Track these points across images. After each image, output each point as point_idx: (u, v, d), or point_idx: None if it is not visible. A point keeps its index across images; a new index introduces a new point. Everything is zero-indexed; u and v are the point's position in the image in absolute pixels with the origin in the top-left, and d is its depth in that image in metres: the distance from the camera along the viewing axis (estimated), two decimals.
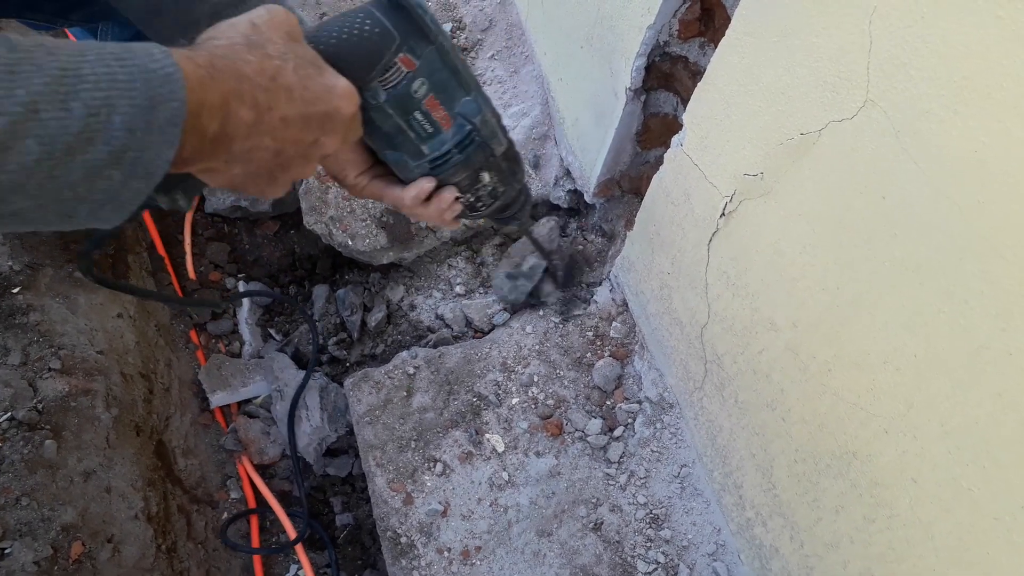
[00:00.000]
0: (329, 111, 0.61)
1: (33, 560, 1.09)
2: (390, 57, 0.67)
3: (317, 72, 0.60)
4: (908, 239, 0.73)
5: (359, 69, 0.67)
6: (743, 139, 0.94)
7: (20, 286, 1.31)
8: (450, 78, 0.72)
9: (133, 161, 0.47)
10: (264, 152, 0.57)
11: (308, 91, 0.59)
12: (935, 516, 0.79)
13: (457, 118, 0.74)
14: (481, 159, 0.77)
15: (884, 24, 0.68)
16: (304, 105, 0.58)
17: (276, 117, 0.56)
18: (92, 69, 0.44)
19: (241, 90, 0.53)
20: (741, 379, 1.09)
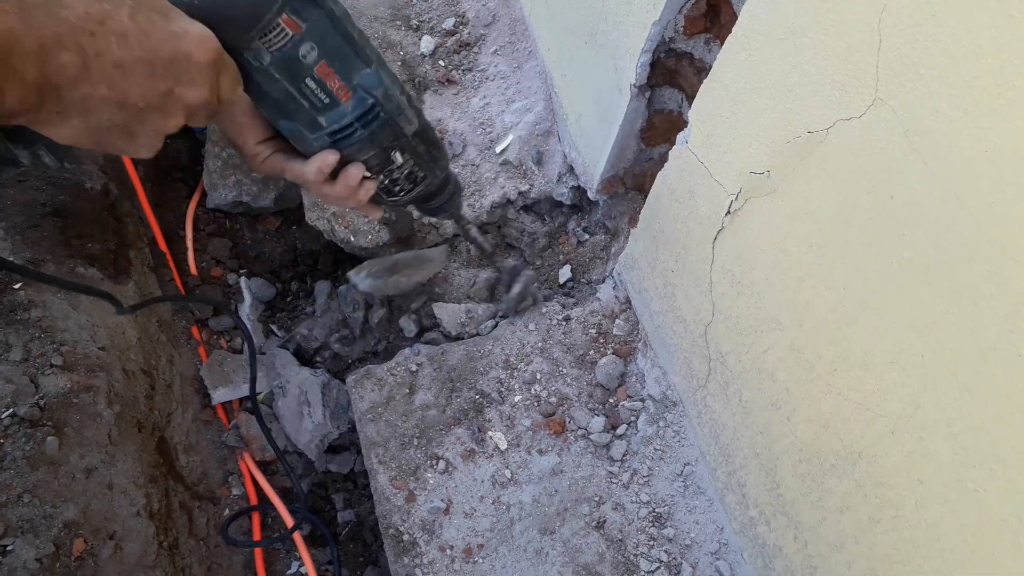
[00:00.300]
0: (178, 58, 0.57)
1: (35, 557, 1.09)
2: (272, 17, 0.63)
3: (161, 18, 0.56)
4: (916, 239, 0.72)
5: (236, 26, 0.63)
6: (749, 137, 0.93)
7: (22, 282, 1.31)
8: (344, 46, 0.68)
9: None
10: (103, 103, 0.55)
11: (148, 37, 0.55)
12: (941, 517, 0.78)
13: (357, 90, 0.70)
14: (389, 137, 0.74)
15: (894, 22, 0.68)
16: (143, 51, 0.55)
17: (108, 63, 0.53)
18: None
19: (60, 33, 0.50)
20: (745, 378, 1.09)
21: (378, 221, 1.54)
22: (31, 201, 1.41)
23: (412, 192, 0.83)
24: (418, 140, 0.77)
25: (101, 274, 1.43)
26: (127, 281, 1.50)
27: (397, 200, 0.83)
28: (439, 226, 1.57)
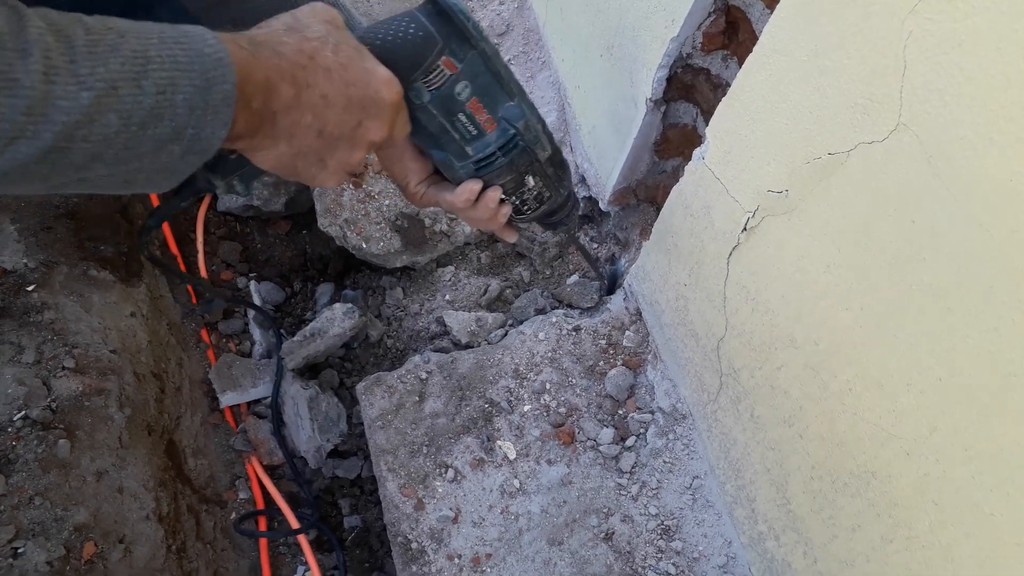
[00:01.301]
0: (370, 94, 0.64)
1: (46, 560, 1.09)
2: (433, 59, 0.70)
3: (358, 56, 0.64)
4: (937, 264, 0.73)
5: (403, 69, 0.69)
6: (768, 156, 0.94)
7: (35, 284, 1.31)
8: (493, 83, 0.74)
9: (191, 137, 0.52)
10: (307, 130, 0.61)
11: (347, 72, 0.62)
12: (955, 540, 0.79)
13: (501, 122, 0.77)
14: (525, 163, 0.80)
15: (919, 49, 0.68)
16: (343, 85, 0.61)
17: (316, 94, 0.60)
18: (158, 51, 0.49)
19: (281, 66, 0.57)
20: (758, 394, 1.09)
21: (389, 228, 1.55)
22: (45, 203, 1.41)
23: (537, 211, 0.89)
24: (548, 164, 0.83)
25: (113, 276, 1.43)
26: (138, 283, 1.51)
27: (524, 218, 0.90)
28: (450, 234, 1.58)
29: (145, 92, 0.48)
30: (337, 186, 0.76)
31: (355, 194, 1.58)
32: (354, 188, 1.59)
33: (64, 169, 0.47)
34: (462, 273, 1.61)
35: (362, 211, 1.56)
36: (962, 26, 0.63)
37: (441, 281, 1.61)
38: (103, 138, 0.47)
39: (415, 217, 1.57)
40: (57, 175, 0.48)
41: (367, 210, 1.56)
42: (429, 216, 1.58)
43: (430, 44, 0.70)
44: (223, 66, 0.52)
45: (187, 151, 0.52)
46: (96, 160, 0.48)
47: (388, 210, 1.57)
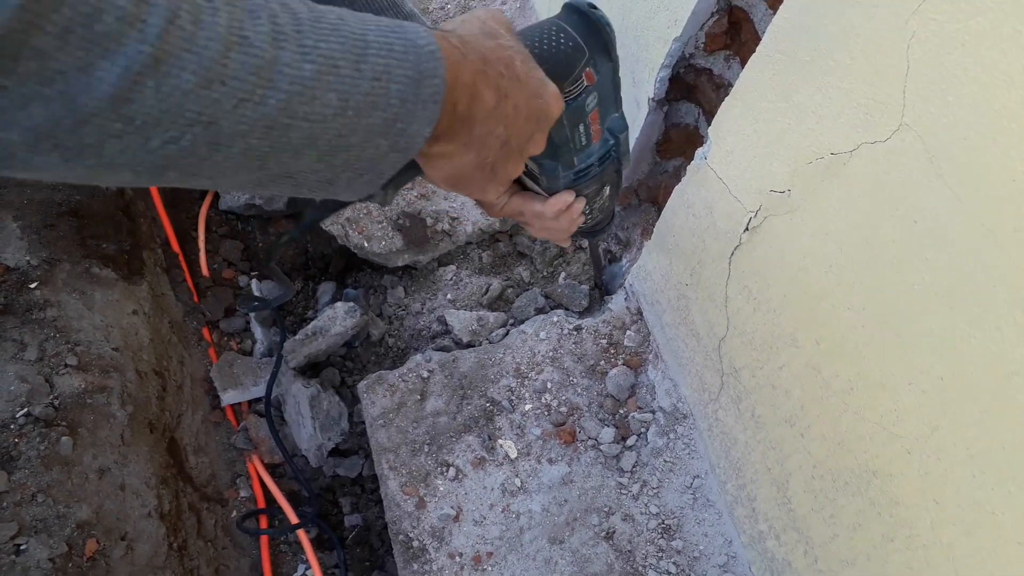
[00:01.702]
0: (544, 107, 0.62)
1: (48, 557, 1.09)
2: (579, 71, 0.69)
3: (536, 69, 0.62)
4: (939, 264, 0.73)
5: (554, 79, 0.68)
6: (770, 155, 0.94)
7: (37, 281, 1.31)
8: (612, 93, 0.75)
9: (399, 132, 0.49)
10: (495, 140, 0.59)
11: (532, 85, 0.60)
12: (956, 538, 0.79)
13: (605, 132, 0.77)
14: (610, 173, 0.81)
15: (923, 50, 0.69)
16: (530, 97, 0.60)
17: (511, 104, 0.58)
18: (375, 37, 0.47)
19: (487, 72, 0.55)
20: (759, 393, 1.10)
21: (391, 227, 1.55)
22: (48, 200, 1.42)
23: (598, 220, 0.91)
24: (619, 174, 0.84)
25: (115, 274, 1.43)
26: (140, 281, 1.51)
27: (584, 227, 0.91)
28: (452, 234, 1.58)
29: (363, 75, 0.46)
30: (496, 199, 0.73)
31: None
32: None
33: (281, 150, 0.45)
34: (463, 272, 1.61)
35: (364, 210, 1.56)
36: (965, 27, 0.63)
37: (443, 280, 1.61)
38: (321, 119, 0.45)
39: (417, 216, 1.57)
40: (274, 157, 0.45)
41: (369, 209, 1.56)
42: (431, 215, 1.58)
43: (579, 55, 0.69)
44: (435, 60, 0.50)
45: (392, 147, 0.50)
46: (311, 145, 0.46)
47: (390, 209, 1.57)
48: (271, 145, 0.44)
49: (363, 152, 0.49)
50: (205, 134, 0.41)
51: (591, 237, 1.01)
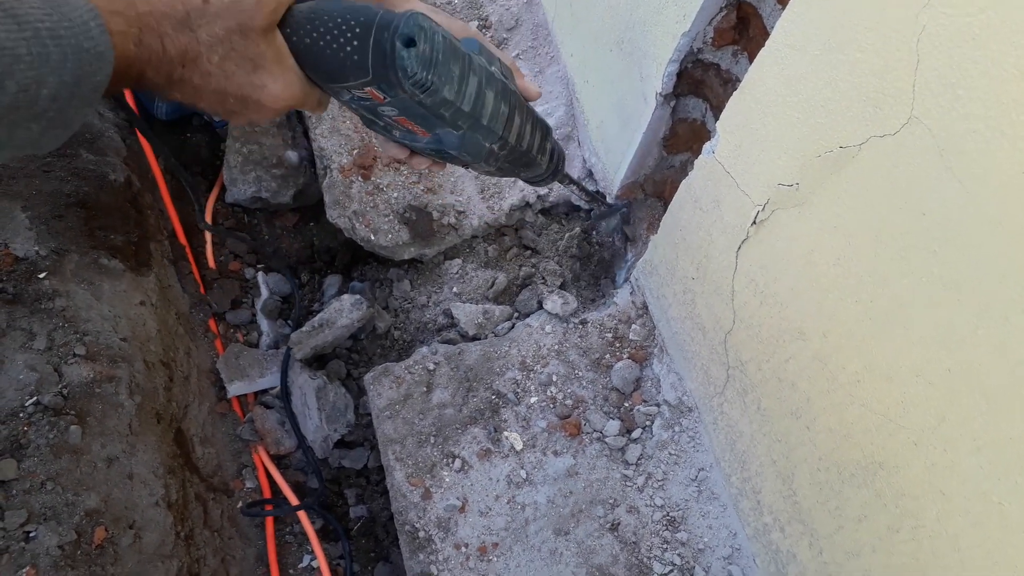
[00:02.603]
0: (248, 99, 0.65)
1: (57, 544, 1.10)
2: (357, 86, 0.68)
3: (248, 69, 0.64)
4: (948, 256, 0.74)
5: (321, 76, 0.69)
6: (779, 149, 0.95)
7: (46, 271, 1.32)
8: (430, 116, 0.72)
9: (52, 119, 0.51)
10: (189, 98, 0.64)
11: (229, 81, 0.63)
12: (963, 529, 0.80)
13: (435, 135, 0.75)
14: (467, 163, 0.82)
15: (933, 43, 0.69)
16: (218, 89, 0.63)
17: (188, 87, 0.62)
18: (28, 49, 0.48)
19: (159, 65, 0.59)
20: (765, 386, 1.10)
21: (398, 220, 1.56)
22: (56, 192, 1.42)
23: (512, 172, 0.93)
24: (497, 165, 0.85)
25: (123, 265, 1.44)
26: (148, 273, 1.51)
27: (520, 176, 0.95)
28: (458, 228, 1.59)
29: (5, 91, 0.47)
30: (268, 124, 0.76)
31: (364, 186, 1.59)
32: (363, 180, 1.59)
33: None
34: (469, 266, 1.61)
35: (371, 203, 1.57)
36: (976, 20, 0.64)
37: (448, 274, 1.61)
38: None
39: (423, 210, 1.58)
40: None
41: (376, 202, 1.57)
42: (437, 209, 1.59)
43: (359, 74, 0.67)
44: (102, 61, 0.52)
45: (47, 128, 0.52)
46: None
47: (396, 202, 1.58)
48: None
49: (13, 135, 0.50)
50: None
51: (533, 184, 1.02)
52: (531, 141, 0.86)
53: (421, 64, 0.66)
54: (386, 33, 0.65)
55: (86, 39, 0.51)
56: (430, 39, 0.67)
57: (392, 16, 0.66)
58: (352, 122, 1.67)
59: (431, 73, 0.67)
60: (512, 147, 0.82)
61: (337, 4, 0.67)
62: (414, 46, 0.65)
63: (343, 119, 1.68)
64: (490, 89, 0.75)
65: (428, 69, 0.67)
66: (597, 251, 1.67)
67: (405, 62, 0.65)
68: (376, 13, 0.66)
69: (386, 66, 0.65)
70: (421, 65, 0.66)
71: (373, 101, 0.70)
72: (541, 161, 0.92)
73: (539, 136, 0.88)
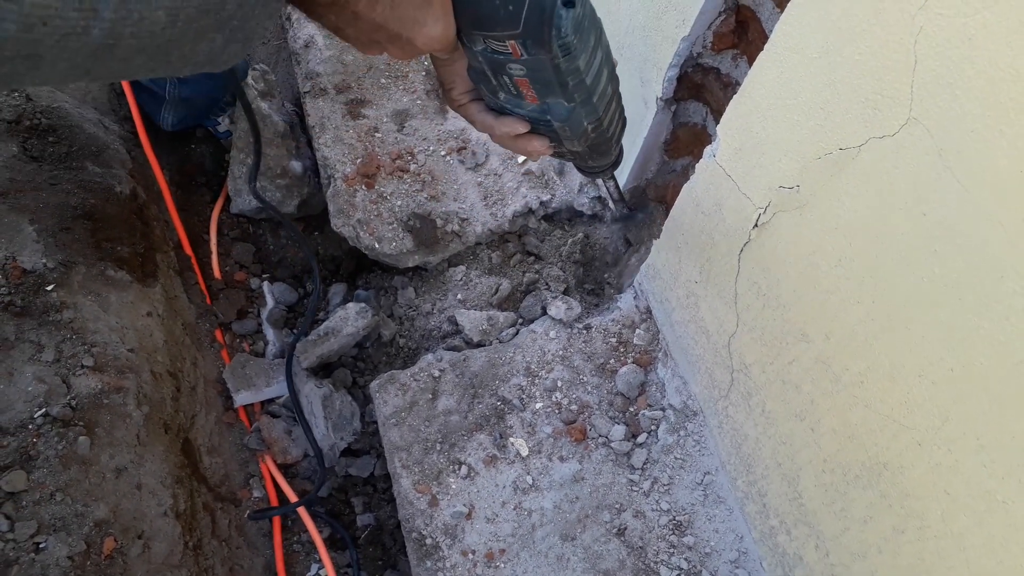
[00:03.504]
0: (401, 35, 0.65)
1: (67, 555, 1.10)
2: (503, 38, 0.68)
3: (418, 4, 0.63)
4: (948, 256, 0.74)
5: (468, 21, 0.68)
6: (779, 152, 0.95)
7: (54, 283, 1.33)
8: (553, 82, 0.74)
9: (235, 29, 0.50)
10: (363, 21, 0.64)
11: (393, 11, 0.63)
12: (968, 528, 0.80)
13: (544, 104, 0.77)
14: (561, 138, 0.84)
15: (930, 44, 0.70)
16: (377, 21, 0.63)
17: (348, 11, 0.62)
18: None
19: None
20: (769, 389, 1.10)
21: (402, 228, 1.56)
22: (63, 204, 1.43)
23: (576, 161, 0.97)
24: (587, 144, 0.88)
25: (130, 276, 1.45)
26: (154, 284, 1.52)
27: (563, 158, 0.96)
28: (462, 235, 1.59)
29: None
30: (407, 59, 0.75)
31: (368, 195, 1.59)
32: (367, 189, 1.60)
33: (108, 62, 0.46)
34: (473, 273, 1.62)
35: (375, 212, 1.58)
36: (972, 21, 0.64)
37: (452, 281, 1.62)
38: (149, 34, 0.45)
39: (427, 217, 1.59)
40: (100, 67, 0.47)
41: (380, 211, 1.58)
42: (441, 217, 1.59)
43: (509, 25, 0.67)
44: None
45: (229, 40, 0.51)
46: (140, 53, 0.46)
47: (400, 211, 1.58)
48: (96, 61, 0.45)
49: (197, 47, 0.50)
50: (25, 64, 0.42)
51: (586, 174, 1.05)
52: (615, 129, 0.90)
53: (574, 26, 0.67)
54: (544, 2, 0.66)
55: None
56: (584, 3, 0.68)
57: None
58: (355, 132, 1.69)
59: (577, 38, 0.69)
60: (602, 131, 0.85)
61: None
62: (572, 7, 0.66)
63: (346, 129, 1.69)
64: (607, 67, 0.78)
65: (576, 33, 0.68)
66: (600, 256, 1.67)
67: (562, 21, 0.66)
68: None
69: (541, 22, 0.66)
70: (573, 27, 0.67)
71: (507, 56, 0.70)
72: (613, 152, 0.96)
73: (620, 126, 0.92)
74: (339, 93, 1.74)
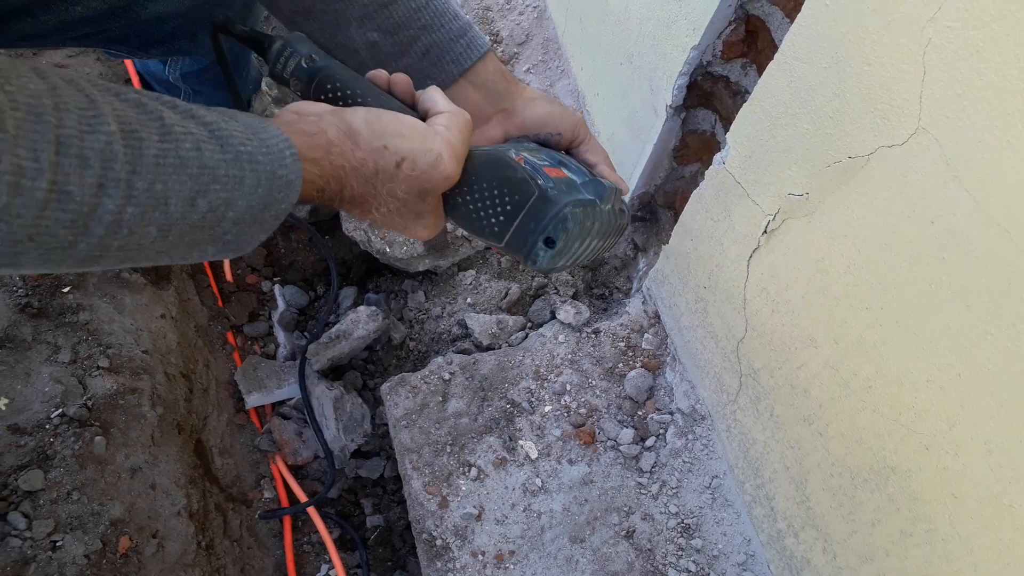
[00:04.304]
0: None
1: (83, 553, 1.12)
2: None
3: (410, 219, 0.66)
4: (956, 263, 0.75)
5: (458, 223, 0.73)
6: (789, 160, 0.97)
7: (70, 286, 1.35)
8: None
9: (227, 243, 0.51)
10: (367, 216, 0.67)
11: (388, 223, 0.66)
12: (975, 532, 0.81)
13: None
14: None
15: (939, 56, 0.71)
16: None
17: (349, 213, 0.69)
18: (226, 171, 0.48)
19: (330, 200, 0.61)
20: (778, 393, 1.12)
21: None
22: None
23: None
24: None
25: (144, 279, 1.47)
26: (167, 286, 1.54)
27: None
28: (471, 239, 1.61)
29: (196, 209, 0.46)
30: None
31: None
32: None
33: (90, 265, 0.47)
34: (483, 277, 1.64)
35: None
36: (980, 33, 0.66)
37: (462, 284, 1.64)
38: (137, 247, 0.46)
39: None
40: (83, 268, 0.47)
41: None
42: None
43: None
44: (290, 190, 0.52)
45: (222, 250, 0.52)
46: (126, 260, 0.47)
47: None
48: (80, 265, 0.46)
49: (189, 254, 0.51)
50: (9, 268, 0.43)
51: None
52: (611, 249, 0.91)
53: (551, 260, 0.71)
54: (533, 224, 0.68)
55: (280, 167, 0.51)
56: (568, 238, 0.70)
57: (545, 207, 0.68)
58: None
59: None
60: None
61: (498, 169, 0.70)
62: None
63: None
64: (597, 239, 0.77)
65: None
66: (608, 260, 1.69)
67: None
68: (531, 195, 0.68)
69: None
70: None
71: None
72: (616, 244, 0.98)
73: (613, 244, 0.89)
74: None
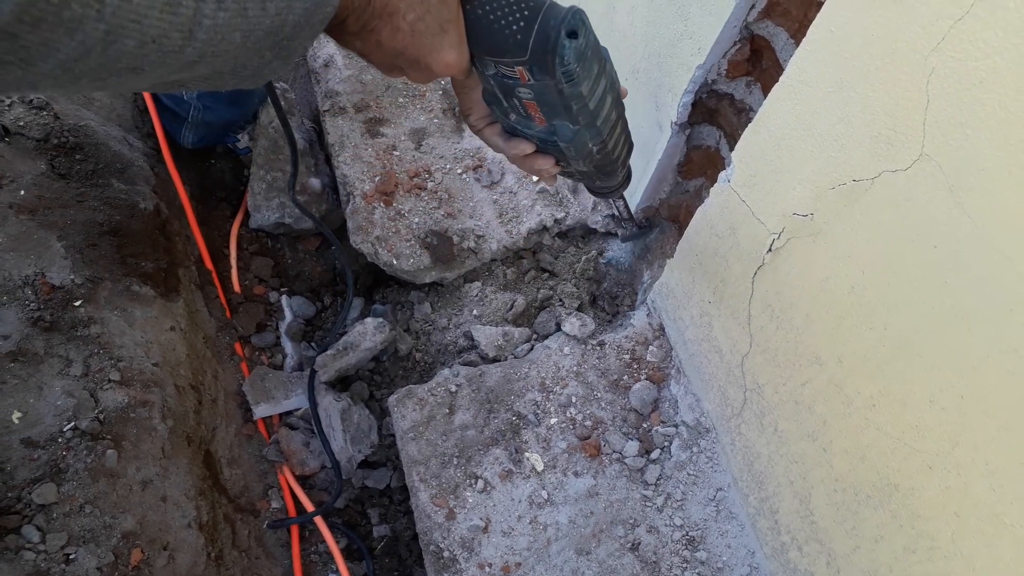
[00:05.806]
0: (419, 60, 0.71)
1: (96, 566, 1.13)
2: (512, 64, 0.74)
3: (435, 32, 0.69)
4: (958, 288, 0.76)
5: (480, 47, 0.74)
6: (794, 181, 0.98)
7: (81, 299, 1.36)
8: (559, 106, 0.79)
9: (283, 46, 0.57)
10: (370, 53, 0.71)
11: (413, 39, 0.68)
12: (977, 550, 0.82)
13: (551, 125, 0.83)
14: (568, 158, 0.89)
15: (942, 85, 0.72)
16: (399, 47, 0.69)
17: (374, 38, 0.67)
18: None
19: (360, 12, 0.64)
20: (782, 409, 1.13)
21: (419, 245, 1.59)
22: (89, 221, 1.47)
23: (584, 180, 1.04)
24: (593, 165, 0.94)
25: (154, 292, 1.48)
26: (177, 298, 1.56)
27: (571, 178, 1.03)
28: (478, 251, 1.62)
29: (267, 13, 0.52)
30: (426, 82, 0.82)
31: (386, 212, 1.63)
32: (385, 206, 1.63)
33: (185, 73, 0.52)
34: (489, 289, 1.65)
35: (393, 228, 1.61)
36: (983, 64, 0.67)
37: (468, 296, 1.65)
38: (224, 53, 0.52)
39: (444, 234, 1.62)
40: (177, 77, 0.53)
41: (398, 228, 1.61)
42: (457, 234, 1.62)
43: (515, 52, 0.73)
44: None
45: (275, 57, 0.58)
46: (209, 67, 0.53)
47: (418, 228, 1.62)
48: (179, 73, 0.52)
49: (249, 62, 0.56)
50: (129, 75, 0.49)
51: (595, 195, 1.14)
52: (620, 151, 0.96)
53: (576, 56, 0.72)
54: (553, 21, 0.71)
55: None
56: (587, 35, 0.74)
57: (559, 7, 0.72)
58: (374, 150, 1.72)
59: (580, 66, 0.74)
60: (607, 152, 0.91)
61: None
62: (575, 38, 0.72)
63: (365, 147, 1.72)
64: (611, 94, 0.83)
65: (579, 62, 0.73)
66: (613, 273, 1.70)
67: (565, 51, 0.72)
68: (546, 1, 0.72)
69: (546, 50, 0.72)
70: (576, 56, 0.72)
71: (516, 80, 0.76)
72: (619, 173, 1.03)
73: (626, 150, 0.98)
74: (358, 112, 1.77)
